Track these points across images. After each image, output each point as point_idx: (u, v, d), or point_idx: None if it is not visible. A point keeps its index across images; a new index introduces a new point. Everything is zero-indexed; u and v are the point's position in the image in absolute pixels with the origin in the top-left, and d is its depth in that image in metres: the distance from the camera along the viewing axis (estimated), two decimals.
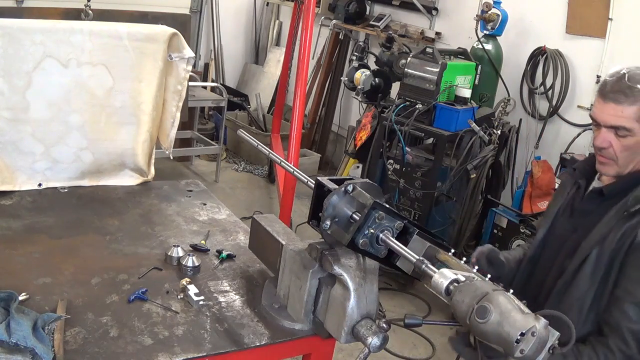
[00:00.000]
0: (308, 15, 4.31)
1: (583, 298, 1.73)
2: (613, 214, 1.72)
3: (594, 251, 1.71)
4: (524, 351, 1.25)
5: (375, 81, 4.73)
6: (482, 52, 4.52)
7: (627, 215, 1.68)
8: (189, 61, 2.62)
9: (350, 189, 1.58)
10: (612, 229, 1.70)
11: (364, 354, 1.55)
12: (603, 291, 1.72)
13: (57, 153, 2.49)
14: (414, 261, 1.45)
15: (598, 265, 1.71)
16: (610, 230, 1.70)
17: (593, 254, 1.71)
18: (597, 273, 1.71)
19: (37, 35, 2.31)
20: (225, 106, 5.98)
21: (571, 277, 1.75)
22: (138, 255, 2.08)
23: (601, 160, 1.76)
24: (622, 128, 1.67)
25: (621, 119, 1.66)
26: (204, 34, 7.30)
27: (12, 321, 1.49)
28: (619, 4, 4.05)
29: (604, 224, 1.72)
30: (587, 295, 1.72)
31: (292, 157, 4.17)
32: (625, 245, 1.66)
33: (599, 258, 1.71)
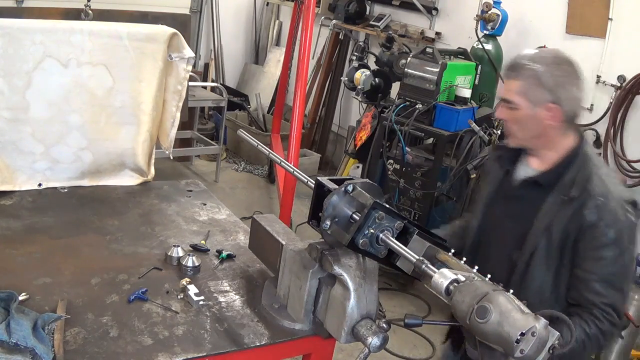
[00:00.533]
0: (308, 15, 4.31)
1: (541, 288, 1.78)
2: (552, 202, 1.77)
3: (542, 241, 1.76)
4: (524, 351, 1.25)
5: (375, 81, 4.73)
6: (482, 52, 4.51)
7: (567, 201, 1.74)
8: (189, 61, 2.62)
9: (350, 189, 1.58)
10: (555, 217, 1.75)
11: (364, 354, 1.55)
12: (559, 276, 1.77)
13: (57, 153, 2.49)
14: (414, 261, 1.45)
15: (549, 254, 1.76)
16: (554, 218, 1.75)
17: (542, 244, 1.76)
18: (550, 261, 1.76)
19: (37, 35, 2.31)
20: (225, 106, 5.97)
21: (524, 269, 1.79)
22: (138, 255, 2.08)
23: (505, 132, 1.89)
24: (509, 101, 1.79)
25: (509, 93, 1.78)
26: (204, 34, 7.30)
27: (12, 321, 1.49)
28: (619, 4, 4.05)
29: (545, 212, 1.77)
30: (545, 284, 1.78)
31: (292, 157, 4.17)
32: (574, 230, 1.72)
33: (548, 247, 1.76)
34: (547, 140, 1.81)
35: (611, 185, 1.76)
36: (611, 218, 1.70)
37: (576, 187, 1.74)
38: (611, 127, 3.97)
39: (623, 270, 1.74)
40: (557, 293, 1.78)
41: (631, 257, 1.76)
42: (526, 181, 1.88)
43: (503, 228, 1.90)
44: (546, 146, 1.82)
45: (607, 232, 1.69)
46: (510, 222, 1.88)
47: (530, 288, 1.77)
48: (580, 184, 1.74)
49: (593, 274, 1.71)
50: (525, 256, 1.79)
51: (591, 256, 1.71)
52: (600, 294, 1.70)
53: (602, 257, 1.70)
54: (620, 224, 1.70)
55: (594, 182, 1.74)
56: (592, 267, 1.71)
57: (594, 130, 4.17)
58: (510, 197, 1.91)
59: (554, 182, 1.79)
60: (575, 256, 1.74)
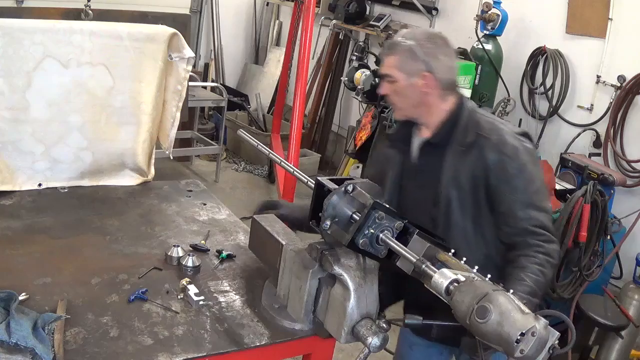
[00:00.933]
0: (308, 15, 4.31)
1: (465, 234, 1.91)
2: (452, 155, 1.91)
3: (453, 192, 1.90)
4: (524, 351, 1.25)
5: (375, 81, 4.72)
6: (482, 52, 4.51)
7: (465, 150, 1.89)
8: (189, 61, 2.62)
9: (350, 189, 1.58)
10: (458, 167, 1.89)
11: (364, 354, 1.55)
12: (479, 219, 1.91)
13: (57, 153, 2.49)
14: (414, 261, 1.45)
15: (463, 202, 1.90)
16: (458, 169, 1.89)
17: (453, 195, 1.90)
18: (466, 208, 1.90)
19: (37, 35, 2.31)
20: (225, 106, 5.97)
21: (445, 222, 1.92)
22: (138, 255, 2.08)
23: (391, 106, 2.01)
24: (389, 75, 1.92)
25: (387, 68, 1.93)
26: (204, 34, 7.30)
27: (12, 321, 1.49)
28: (619, 4, 4.05)
29: (448, 167, 1.92)
30: (467, 229, 1.91)
31: (292, 157, 4.17)
32: (480, 173, 1.86)
33: (460, 196, 1.90)
34: (427, 107, 1.94)
35: (500, 124, 1.93)
36: (511, 150, 1.84)
37: (469, 135, 1.89)
38: (611, 127, 3.97)
39: (537, 191, 1.87)
40: (481, 234, 1.92)
41: (540, 177, 1.91)
42: (422, 149, 2.02)
43: (417, 197, 2.01)
44: (429, 112, 1.96)
45: (511, 164, 1.83)
46: (421, 190, 2.01)
47: (454, 237, 1.89)
48: (472, 131, 1.89)
49: (514, 204, 1.84)
50: (442, 210, 1.93)
51: (505, 190, 1.84)
52: (527, 218, 1.83)
53: (515, 187, 1.84)
54: (520, 152, 1.85)
55: (485, 126, 1.90)
56: (510, 199, 1.84)
57: (594, 130, 4.17)
58: (414, 171, 2.04)
59: (446, 139, 1.94)
60: (492, 196, 1.87)
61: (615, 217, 3.67)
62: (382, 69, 1.95)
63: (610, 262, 3.58)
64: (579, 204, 3.27)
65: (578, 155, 4.00)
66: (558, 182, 3.81)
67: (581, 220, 3.26)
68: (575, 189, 3.65)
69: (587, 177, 3.70)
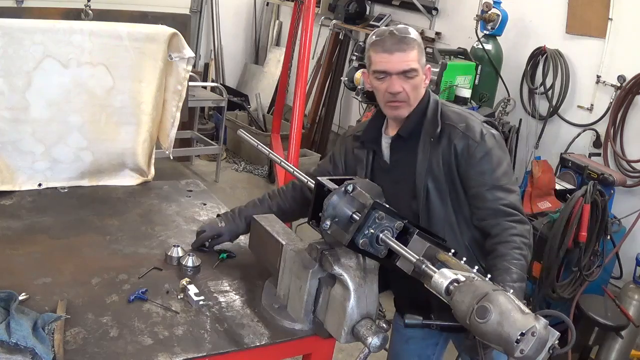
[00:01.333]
0: (308, 15, 4.31)
1: (447, 220, 1.95)
2: (422, 148, 1.96)
3: (429, 183, 1.95)
4: (524, 351, 1.25)
5: None
6: (482, 52, 4.51)
7: (434, 142, 1.95)
8: (189, 61, 2.62)
9: (350, 189, 1.58)
10: (430, 159, 1.95)
11: (364, 354, 1.55)
12: (458, 203, 1.96)
13: (57, 153, 2.49)
14: (414, 261, 1.45)
15: (440, 190, 1.95)
16: (430, 160, 1.95)
17: (430, 186, 1.96)
18: (444, 196, 1.95)
19: (37, 35, 2.31)
20: (225, 106, 5.97)
21: (426, 212, 1.97)
22: (138, 255, 2.08)
23: (396, 105, 1.97)
24: (411, 70, 1.92)
25: (410, 63, 1.92)
26: (204, 34, 7.30)
27: (12, 321, 1.49)
28: (619, 4, 4.05)
29: (421, 159, 1.96)
30: (448, 215, 1.96)
31: (292, 157, 4.17)
32: (452, 160, 1.93)
33: (437, 185, 1.95)
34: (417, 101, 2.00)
35: (464, 113, 2.00)
36: (476, 136, 1.91)
37: (438, 126, 1.94)
38: (611, 127, 3.97)
39: (503, 173, 1.92)
40: (464, 220, 1.96)
41: (506, 161, 1.96)
42: (393, 145, 2.05)
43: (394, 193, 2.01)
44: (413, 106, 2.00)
45: (478, 148, 1.90)
46: (397, 185, 2.02)
47: (437, 224, 1.94)
48: (440, 122, 1.95)
49: (482, 186, 1.90)
50: (422, 202, 1.97)
51: (474, 174, 1.91)
52: (496, 199, 1.89)
53: (483, 170, 1.90)
54: (485, 137, 1.91)
55: (451, 116, 1.97)
56: (479, 182, 1.90)
57: (594, 130, 4.17)
58: (386, 169, 2.07)
59: (416, 131, 1.98)
60: (462, 181, 1.94)
61: (615, 217, 3.67)
62: (400, 65, 1.91)
63: (610, 262, 3.58)
64: (579, 204, 3.27)
65: (578, 155, 4.00)
66: (558, 182, 3.81)
67: (581, 220, 3.26)
68: (575, 189, 3.65)
69: (587, 177, 3.70)
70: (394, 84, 1.93)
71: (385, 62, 1.92)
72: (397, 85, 1.93)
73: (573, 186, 3.78)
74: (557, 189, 3.73)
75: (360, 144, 2.13)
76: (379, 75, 1.94)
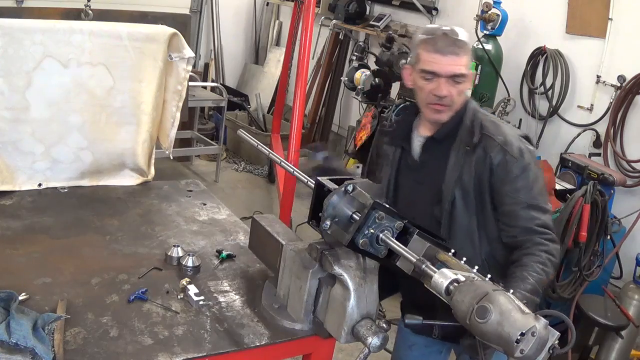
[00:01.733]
0: (308, 15, 4.31)
1: (468, 232, 1.92)
2: (455, 154, 1.92)
3: (457, 192, 1.90)
4: (524, 351, 1.25)
5: (375, 81, 4.73)
6: (482, 52, 4.51)
7: (470, 150, 1.90)
8: (189, 61, 2.62)
9: (350, 189, 1.58)
10: (463, 166, 1.90)
11: (364, 354, 1.55)
12: (483, 217, 1.92)
13: (57, 153, 2.49)
14: (414, 261, 1.45)
15: (467, 201, 1.91)
16: (462, 169, 1.90)
17: (457, 195, 1.91)
18: (470, 207, 1.91)
19: (37, 35, 2.31)
20: (225, 106, 5.97)
21: (448, 220, 1.93)
22: (138, 255, 2.07)
23: (439, 108, 1.92)
24: (460, 75, 1.87)
25: (461, 68, 1.87)
26: (204, 34, 7.30)
27: (12, 321, 1.49)
28: (619, 4, 4.05)
29: (452, 165, 1.92)
30: (471, 228, 1.92)
31: (292, 157, 4.17)
32: (484, 172, 1.88)
33: (464, 195, 1.90)
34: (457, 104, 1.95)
35: (503, 126, 1.95)
36: (514, 152, 1.86)
37: (475, 135, 1.90)
38: (611, 127, 3.97)
39: (539, 192, 1.90)
40: (485, 233, 1.93)
41: (541, 179, 1.93)
42: (425, 145, 2.01)
43: (417, 194, 2.00)
44: None
45: (515, 164, 1.86)
46: (421, 187, 2.00)
47: (458, 236, 1.91)
48: (477, 131, 1.90)
49: (517, 205, 1.86)
50: (446, 209, 1.93)
51: (509, 191, 1.86)
52: (530, 218, 1.85)
53: (518, 187, 1.86)
54: (523, 154, 1.87)
55: (489, 127, 1.91)
56: (514, 199, 1.86)
57: (594, 130, 4.17)
58: (414, 168, 2.03)
59: (450, 136, 1.94)
60: (495, 196, 1.89)
61: (615, 217, 3.67)
62: (451, 68, 1.86)
63: (610, 262, 3.58)
64: (579, 204, 3.27)
65: (578, 155, 4.00)
66: (558, 182, 3.81)
67: (581, 220, 3.26)
68: (575, 189, 3.65)
69: (587, 177, 3.70)
70: (441, 87, 1.87)
71: (436, 63, 1.86)
72: (444, 88, 1.87)
73: (573, 186, 3.77)
74: (557, 189, 3.73)
75: (389, 140, 2.10)
76: (427, 76, 1.88)
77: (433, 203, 1.95)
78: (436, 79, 1.87)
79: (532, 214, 1.85)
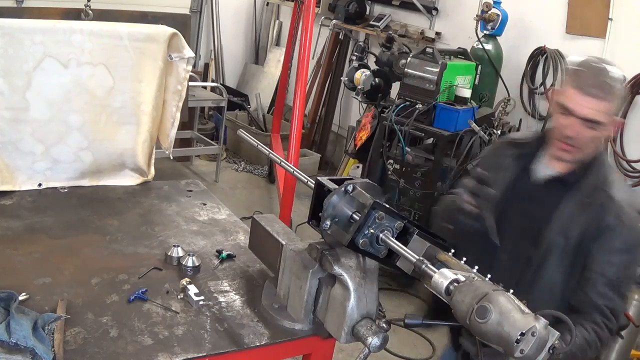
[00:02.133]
0: (308, 15, 4.31)
1: (553, 286, 1.80)
2: (573, 203, 1.79)
3: (560, 240, 1.79)
4: (524, 351, 1.25)
5: (375, 81, 4.73)
6: (482, 52, 4.51)
7: (588, 203, 1.77)
8: (189, 61, 2.62)
9: (350, 189, 1.58)
10: (573, 218, 1.78)
11: (364, 354, 1.55)
12: (571, 276, 1.80)
13: (57, 153, 2.49)
14: (414, 261, 1.45)
15: (564, 253, 1.79)
16: (572, 220, 1.78)
17: (558, 244, 1.79)
18: (564, 261, 1.80)
19: (37, 35, 2.31)
20: (225, 106, 5.98)
21: (538, 266, 1.81)
22: (138, 255, 2.07)
23: (565, 147, 1.80)
24: (596, 122, 1.73)
25: (599, 114, 1.72)
26: (204, 34, 7.30)
27: (12, 321, 1.49)
28: (619, 4, 4.05)
29: (564, 213, 1.79)
30: (556, 282, 1.81)
31: (292, 157, 4.17)
32: (592, 231, 1.75)
33: (565, 246, 1.79)
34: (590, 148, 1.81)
35: (628, 192, 1.84)
36: (629, 224, 1.73)
37: (598, 191, 1.77)
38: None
39: (630, 278, 1.79)
40: (564, 287, 1.81)
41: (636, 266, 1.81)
42: (548, 181, 1.87)
43: (517, 225, 1.89)
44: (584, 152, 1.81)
45: (623, 237, 1.72)
46: (525, 220, 1.88)
47: (542, 286, 1.80)
48: (602, 188, 1.77)
49: (602, 277, 1.74)
50: (540, 254, 1.81)
51: (603, 259, 1.74)
52: (605, 297, 1.74)
53: (614, 261, 1.73)
54: (635, 232, 1.74)
55: (615, 188, 1.78)
56: (602, 270, 1.74)
57: None
58: (526, 196, 1.91)
59: (577, 182, 1.82)
60: (587, 256, 1.77)
61: None
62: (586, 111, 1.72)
63: None
64: None
65: None
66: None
67: None
68: None
69: None
70: (572, 127, 1.75)
71: (573, 100, 1.74)
72: (574, 129, 1.75)
73: None
74: None
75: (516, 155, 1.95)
76: (562, 110, 1.77)
77: (528, 240, 1.85)
78: (570, 117, 1.75)
79: (609, 294, 1.74)
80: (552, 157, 1.88)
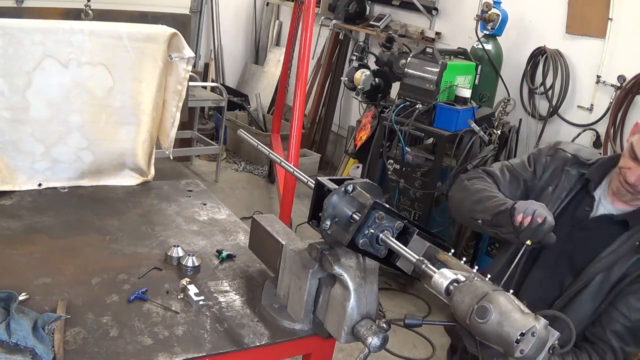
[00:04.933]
0: (308, 15, 4.31)
1: (582, 319, 1.79)
2: (623, 243, 1.78)
3: (599, 276, 1.77)
4: (524, 351, 1.25)
5: (375, 81, 4.73)
6: (482, 52, 4.51)
7: (637, 247, 1.76)
8: (189, 61, 2.61)
9: (350, 189, 1.58)
10: (620, 258, 1.77)
11: (364, 354, 1.55)
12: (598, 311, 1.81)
13: (57, 153, 2.49)
14: (414, 261, 1.45)
15: (601, 290, 1.79)
16: (618, 259, 1.77)
17: (597, 279, 1.79)
18: (599, 297, 1.78)
19: (37, 35, 2.31)
20: (225, 106, 5.98)
21: (572, 297, 1.81)
22: (138, 255, 2.07)
23: (630, 191, 1.78)
24: None
25: None
26: (204, 34, 7.30)
27: (12, 321, 1.49)
28: (619, 4, 4.06)
29: (612, 251, 1.78)
30: (586, 316, 1.80)
31: (292, 157, 4.17)
32: (631, 276, 1.75)
33: (602, 284, 1.78)
34: None
35: None
36: None
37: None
38: (611, 127, 3.97)
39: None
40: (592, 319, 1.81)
41: None
42: (606, 216, 1.86)
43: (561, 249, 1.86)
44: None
45: None
46: (570, 246, 1.86)
47: (574, 312, 1.79)
48: None
49: (625, 318, 1.75)
50: (577, 285, 1.81)
51: (632, 303, 1.75)
52: (622, 340, 1.75)
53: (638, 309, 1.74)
54: None
55: None
56: (628, 312, 1.75)
57: (594, 130, 4.17)
58: (579, 224, 1.88)
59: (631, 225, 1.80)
60: (618, 295, 1.78)
61: None
62: None
63: None
64: None
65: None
66: None
67: None
68: None
69: None
70: (633, 173, 1.74)
71: None
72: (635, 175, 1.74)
73: None
74: None
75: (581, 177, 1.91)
76: (631, 153, 1.76)
77: (566, 268, 1.85)
78: (636, 162, 1.74)
79: (627, 338, 1.75)
80: (613, 192, 1.86)
